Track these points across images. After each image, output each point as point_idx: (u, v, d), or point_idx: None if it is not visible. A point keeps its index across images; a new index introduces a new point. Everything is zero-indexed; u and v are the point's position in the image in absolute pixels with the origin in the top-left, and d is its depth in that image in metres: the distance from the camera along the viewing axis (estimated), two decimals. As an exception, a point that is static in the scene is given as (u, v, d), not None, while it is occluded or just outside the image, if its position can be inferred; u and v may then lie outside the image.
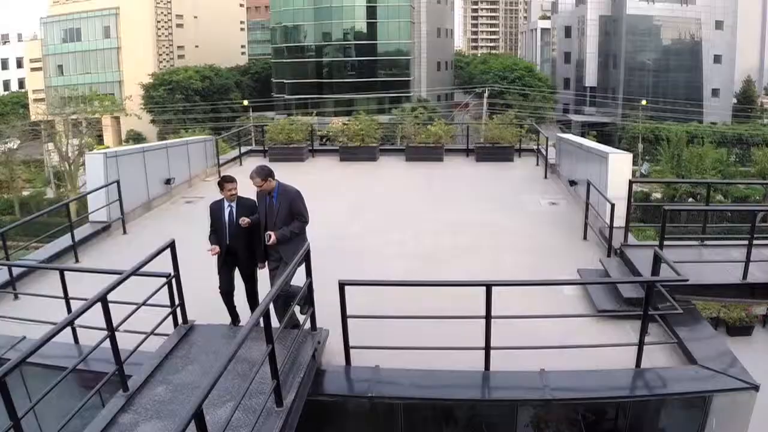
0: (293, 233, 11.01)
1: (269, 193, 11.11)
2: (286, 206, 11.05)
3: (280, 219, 11.01)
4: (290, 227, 10.99)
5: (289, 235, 10.94)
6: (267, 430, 7.97)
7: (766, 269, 13.19)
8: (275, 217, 11.04)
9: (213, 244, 11.38)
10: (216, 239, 11.45)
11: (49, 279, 14.50)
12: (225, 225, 11.44)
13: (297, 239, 11.04)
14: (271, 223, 11.04)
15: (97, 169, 18.77)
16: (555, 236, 17.65)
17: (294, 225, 11.04)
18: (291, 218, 11.06)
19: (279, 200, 11.09)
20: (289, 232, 10.95)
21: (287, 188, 11.27)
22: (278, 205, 11.07)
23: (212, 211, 11.72)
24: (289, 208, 11.05)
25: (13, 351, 11.13)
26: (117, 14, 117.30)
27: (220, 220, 11.51)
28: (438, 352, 10.42)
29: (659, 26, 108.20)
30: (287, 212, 11.04)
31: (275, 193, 11.11)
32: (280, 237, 10.83)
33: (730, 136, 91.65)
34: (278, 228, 10.93)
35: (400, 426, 10.38)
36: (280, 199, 11.10)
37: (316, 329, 10.52)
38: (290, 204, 11.07)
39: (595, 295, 12.89)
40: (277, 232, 10.83)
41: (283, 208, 11.05)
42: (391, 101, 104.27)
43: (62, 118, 79.18)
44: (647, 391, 10.04)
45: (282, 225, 10.97)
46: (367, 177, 26.92)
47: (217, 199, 11.78)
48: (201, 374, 9.33)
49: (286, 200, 11.08)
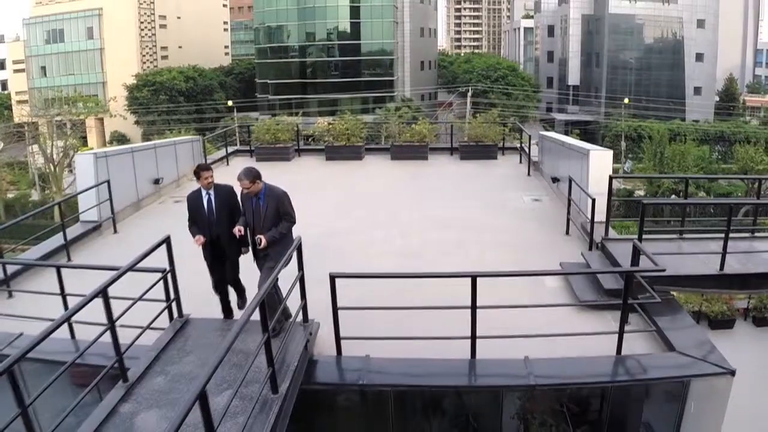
0: (281, 234, 10.90)
1: (256, 195, 10.96)
2: (273, 207, 10.91)
3: (267, 220, 10.89)
4: (278, 228, 10.87)
5: (278, 237, 10.82)
6: (264, 416, 8.29)
7: (742, 260, 13.67)
8: (263, 218, 10.93)
9: (195, 235, 11.24)
10: (197, 230, 11.31)
11: (42, 277, 14.76)
12: (205, 214, 11.37)
13: (285, 240, 10.99)
14: (258, 224, 10.93)
15: (88, 169, 18.91)
16: (538, 232, 17.98)
17: (282, 226, 10.93)
18: (278, 219, 10.94)
19: (266, 201, 10.95)
20: (278, 233, 10.83)
21: (274, 189, 11.12)
22: (266, 206, 10.93)
23: (190, 201, 11.57)
24: (276, 209, 10.91)
25: (10, 348, 11.36)
26: (100, 15, 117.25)
27: (200, 210, 11.41)
28: (426, 342, 10.74)
29: (641, 25, 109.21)
30: (275, 213, 10.91)
31: (262, 195, 10.97)
32: (269, 239, 10.72)
33: (712, 134, 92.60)
34: (266, 229, 10.81)
35: (390, 413, 10.74)
36: (267, 200, 10.95)
37: (308, 321, 10.87)
38: (277, 204, 10.92)
39: (577, 287, 13.26)
40: (266, 235, 10.70)
41: (271, 208, 10.91)
42: (375, 101, 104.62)
43: (46, 119, 78.93)
44: (628, 377, 10.40)
45: (270, 226, 10.85)
46: (353, 176, 27.14)
47: (194, 189, 11.66)
48: (198, 365, 9.65)
49: (274, 201, 10.94)
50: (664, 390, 10.84)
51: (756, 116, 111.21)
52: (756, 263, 13.89)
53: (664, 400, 10.96)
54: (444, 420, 11.55)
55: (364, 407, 11.15)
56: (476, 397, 11.32)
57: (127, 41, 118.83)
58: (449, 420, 11.55)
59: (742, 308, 26.98)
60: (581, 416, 11.32)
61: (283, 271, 9.87)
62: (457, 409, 11.48)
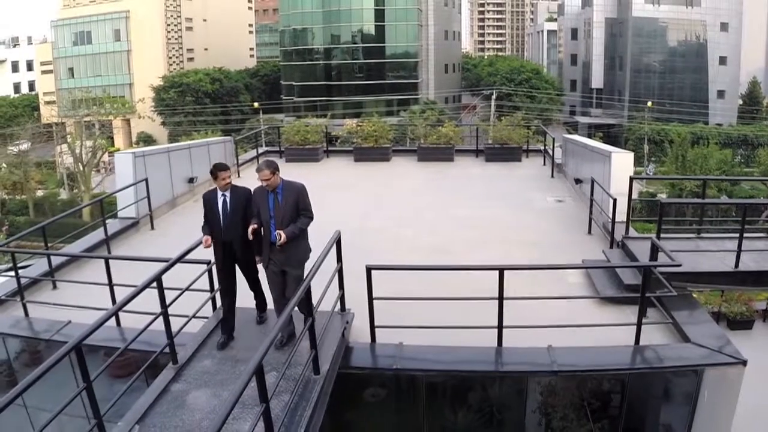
0: (300, 229, 10.66)
1: (273, 190, 10.65)
2: (292, 202, 10.63)
3: (286, 215, 10.58)
4: (298, 224, 10.61)
5: (297, 233, 10.57)
6: (307, 394, 9.01)
7: (757, 259, 14.20)
8: (281, 213, 10.60)
9: (205, 235, 11.00)
10: (208, 230, 11.06)
11: (83, 270, 15.69)
12: (219, 215, 11.01)
13: (301, 240, 10.86)
14: (277, 219, 10.59)
15: (127, 168, 19.64)
16: (561, 231, 18.53)
17: (301, 221, 10.68)
18: (296, 214, 10.66)
19: (284, 196, 10.65)
20: (298, 229, 10.57)
21: (293, 183, 10.84)
22: (284, 201, 10.62)
23: (205, 201, 11.23)
24: (295, 204, 10.65)
25: (59, 335, 12.14)
26: (127, 17, 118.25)
27: (214, 211, 11.07)
28: (455, 331, 11.35)
29: (665, 28, 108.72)
30: (293, 208, 10.63)
31: (280, 189, 10.66)
32: (290, 235, 10.40)
33: (735, 137, 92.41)
34: (285, 225, 10.48)
35: (422, 396, 11.48)
36: (285, 194, 10.66)
37: (345, 310, 11.61)
38: (297, 198, 10.67)
39: (598, 283, 13.87)
40: (286, 231, 10.38)
41: (289, 203, 10.62)
42: (399, 103, 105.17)
43: (75, 120, 79.94)
44: (645, 365, 11.03)
45: (289, 221, 10.54)
46: (381, 176, 27.70)
47: (210, 189, 11.39)
48: (243, 349, 10.42)
49: (293, 195, 10.68)
50: (679, 379, 11.45)
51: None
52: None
53: (679, 389, 11.57)
54: (471, 406, 12.23)
55: (397, 391, 11.89)
56: (502, 384, 11.99)
57: (154, 43, 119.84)
58: (476, 406, 12.23)
59: (761, 309, 27.25)
60: (601, 410, 11.94)
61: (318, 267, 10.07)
62: (485, 393, 12.17)
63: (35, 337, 12.87)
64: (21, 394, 7.02)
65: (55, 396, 10.44)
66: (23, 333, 13.11)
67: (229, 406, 6.60)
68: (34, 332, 12.91)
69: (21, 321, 13.27)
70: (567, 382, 11.77)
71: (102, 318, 8.73)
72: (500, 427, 12.42)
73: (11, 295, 13.98)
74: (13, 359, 13.85)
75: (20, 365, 13.90)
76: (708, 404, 10.93)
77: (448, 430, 12.35)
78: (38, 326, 12.95)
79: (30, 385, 7.08)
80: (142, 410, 8.98)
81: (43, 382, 7.32)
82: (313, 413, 8.78)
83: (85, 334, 8.11)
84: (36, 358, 13.39)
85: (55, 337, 12.12)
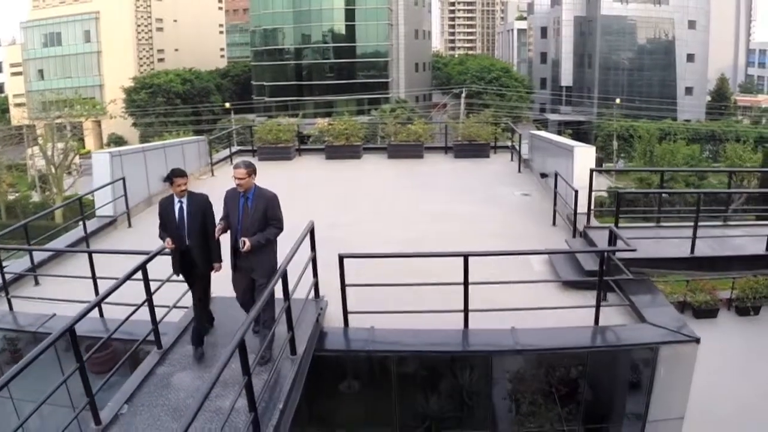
0: (268, 240, 10.36)
1: (244, 194, 10.37)
2: (261, 209, 10.31)
3: (254, 222, 10.28)
4: (265, 233, 10.30)
5: (264, 242, 10.27)
6: (285, 371, 9.60)
7: (712, 245, 14.98)
8: (249, 219, 10.32)
9: (164, 239, 10.64)
10: (166, 237, 10.61)
11: (64, 267, 16.12)
12: (176, 222, 10.59)
13: (269, 250, 10.56)
14: (244, 226, 10.32)
15: (104, 167, 20.07)
16: (527, 223, 19.15)
17: (269, 231, 10.35)
18: (265, 223, 10.34)
19: (255, 202, 10.34)
20: (264, 238, 10.26)
21: (264, 191, 10.51)
22: (253, 207, 10.33)
23: (162, 208, 10.77)
24: (264, 212, 10.32)
25: (44, 327, 12.56)
26: (97, 18, 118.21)
27: (171, 218, 10.63)
28: (425, 315, 11.90)
29: (633, 26, 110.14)
30: (262, 216, 10.31)
31: (251, 195, 10.37)
32: (254, 244, 10.12)
33: (703, 133, 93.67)
34: (251, 233, 10.19)
35: (392, 376, 12.10)
36: (255, 201, 10.35)
37: (319, 296, 12.20)
38: (266, 207, 10.34)
39: (560, 270, 14.58)
40: (252, 239, 10.11)
41: (259, 211, 10.30)
42: (370, 102, 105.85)
43: (47, 121, 79.67)
44: (604, 343, 11.75)
45: (256, 230, 10.25)
46: (353, 173, 28.24)
47: (166, 196, 10.95)
48: (222, 335, 10.92)
49: (263, 203, 10.34)
50: (637, 357, 12.11)
51: (747, 116, 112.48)
52: (724, 248, 15.20)
53: (637, 365, 12.22)
54: (440, 386, 12.90)
55: (370, 371, 12.52)
56: (468, 364, 12.63)
57: (124, 44, 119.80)
58: (445, 386, 12.90)
59: (726, 298, 27.87)
60: (563, 388, 12.57)
61: (293, 255, 10.50)
62: (453, 372, 12.82)
63: (22, 330, 13.25)
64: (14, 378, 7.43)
65: (40, 387, 10.82)
66: (9, 326, 13.49)
67: (214, 379, 7.14)
68: (20, 325, 13.31)
69: (6, 315, 13.62)
70: (530, 362, 12.47)
71: (91, 304, 9.34)
72: (467, 405, 13.04)
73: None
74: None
75: (6, 359, 14.23)
76: (664, 380, 11.57)
77: (418, 408, 12.90)
78: (23, 320, 13.32)
79: (21, 370, 7.48)
80: (129, 391, 9.51)
81: (28, 375, 7.72)
82: (291, 390, 9.37)
83: (76, 318, 8.61)
84: (19, 353, 13.69)
85: (41, 330, 12.54)
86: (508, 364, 12.56)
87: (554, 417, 12.51)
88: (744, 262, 15.27)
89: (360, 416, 13.26)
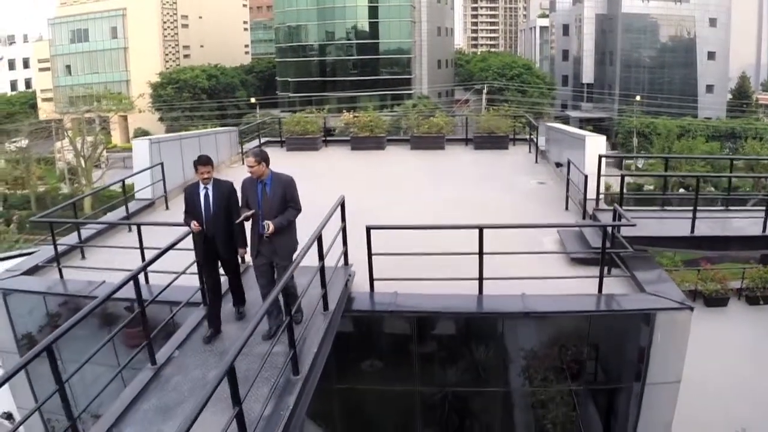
0: (288, 221, 10.78)
1: (261, 180, 10.76)
2: (280, 193, 10.75)
3: (273, 206, 10.69)
4: (286, 215, 10.74)
5: (285, 224, 10.69)
6: (317, 325, 10.83)
7: (712, 226, 16.12)
8: (269, 204, 10.71)
9: (189, 224, 10.94)
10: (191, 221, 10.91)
11: (107, 242, 17.46)
12: (201, 210, 10.93)
13: (289, 232, 10.99)
14: (264, 210, 10.69)
15: (143, 153, 21.33)
16: (541, 208, 20.16)
17: (289, 213, 10.79)
18: (284, 206, 10.78)
19: (272, 187, 10.76)
20: (286, 220, 10.69)
21: (281, 175, 10.93)
22: (272, 192, 10.74)
23: (187, 194, 11.15)
24: (283, 196, 10.76)
25: (96, 292, 13.74)
26: (124, 15, 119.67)
27: (195, 204, 10.98)
28: (442, 282, 13.13)
29: (654, 24, 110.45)
30: (281, 200, 10.74)
31: (268, 180, 10.77)
32: (278, 226, 10.53)
33: (723, 130, 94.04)
34: (272, 217, 10.58)
35: (413, 334, 13.54)
36: (273, 186, 10.77)
37: (348, 264, 13.44)
38: (284, 191, 10.79)
39: (569, 246, 15.75)
40: (275, 221, 10.53)
41: (277, 195, 10.73)
42: (393, 99, 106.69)
43: (77, 115, 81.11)
44: (605, 308, 12.98)
45: (276, 213, 10.66)
46: (377, 163, 29.40)
47: (192, 182, 11.31)
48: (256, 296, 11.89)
49: (280, 187, 10.78)
50: (636, 323, 13.20)
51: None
52: (723, 228, 16.38)
53: (636, 330, 13.32)
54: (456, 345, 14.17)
55: (392, 330, 13.84)
56: (481, 323, 13.97)
57: (150, 40, 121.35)
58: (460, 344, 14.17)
59: (736, 288, 28.63)
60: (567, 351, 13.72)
61: (326, 221, 11.63)
62: (467, 331, 14.17)
63: (75, 294, 14.42)
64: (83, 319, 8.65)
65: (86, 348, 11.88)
66: (62, 292, 14.82)
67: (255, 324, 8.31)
68: (71, 292, 14.61)
69: (58, 283, 14.99)
70: (539, 326, 13.73)
71: (143, 265, 10.59)
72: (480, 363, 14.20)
73: (48, 262, 15.68)
74: (53, 316, 15.39)
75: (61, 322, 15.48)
76: (661, 345, 12.70)
77: (436, 366, 14.24)
78: (74, 287, 14.61)
79: (74, 324, 8.48)
80: (180, 339, 10.93)
81: (75, 337, 8.80)
82: (323, 339, 10.57)
83: (136, 272, 9.91)
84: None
85: (95, 292, 13.70)
86: (518, 328, 13.77)
87: (561, 377, 13.68)
88: (741, 242, 16.44)
89: (383, 372, 14.34)
